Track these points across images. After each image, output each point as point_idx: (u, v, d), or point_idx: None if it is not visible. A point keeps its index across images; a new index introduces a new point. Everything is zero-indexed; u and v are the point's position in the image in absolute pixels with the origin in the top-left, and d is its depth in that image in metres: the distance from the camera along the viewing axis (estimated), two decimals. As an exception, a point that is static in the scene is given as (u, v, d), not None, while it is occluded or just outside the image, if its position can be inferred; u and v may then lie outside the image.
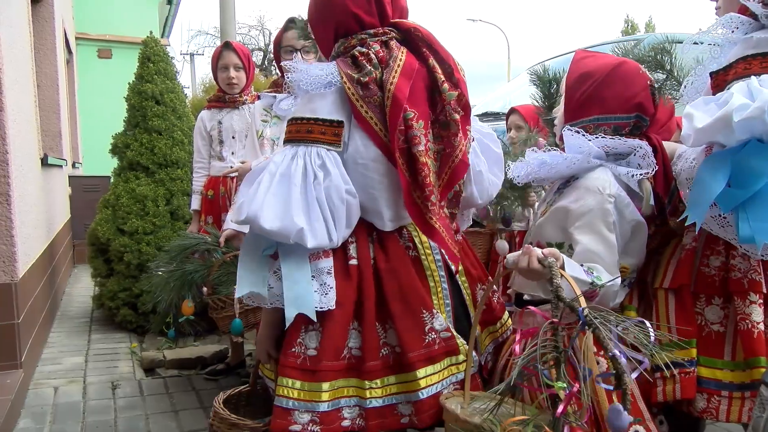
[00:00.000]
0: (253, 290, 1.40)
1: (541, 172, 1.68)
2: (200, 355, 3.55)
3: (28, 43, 3.92)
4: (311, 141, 1.42)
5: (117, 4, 11.70)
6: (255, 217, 1.33)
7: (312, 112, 1.44)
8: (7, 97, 2.95)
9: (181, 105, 4.49)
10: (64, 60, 6.95)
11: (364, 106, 1.43)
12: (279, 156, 1.43)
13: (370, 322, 1.43)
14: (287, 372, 1.39)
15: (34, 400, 2.98)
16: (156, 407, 2.94)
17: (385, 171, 1.46)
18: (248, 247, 1.44)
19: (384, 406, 1.41)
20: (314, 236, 1.35)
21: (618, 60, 1.66)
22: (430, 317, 1.45)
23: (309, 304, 1.36)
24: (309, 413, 1.36)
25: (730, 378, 1.39)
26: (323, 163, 1.39)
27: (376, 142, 1.44)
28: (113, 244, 4.13)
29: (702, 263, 1.48)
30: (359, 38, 1.50)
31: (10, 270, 2.95)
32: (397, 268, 1.47)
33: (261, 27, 24.79)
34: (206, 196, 3.34)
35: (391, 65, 1.45)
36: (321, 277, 1.40)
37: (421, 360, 1.41)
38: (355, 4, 1.49)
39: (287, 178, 1.37)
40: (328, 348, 1.39)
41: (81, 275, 6.12)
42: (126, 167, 4.36)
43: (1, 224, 2.92)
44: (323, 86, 1.44)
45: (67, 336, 4.12)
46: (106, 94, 10.01)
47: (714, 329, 1.44)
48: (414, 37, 1.52)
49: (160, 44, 4.56)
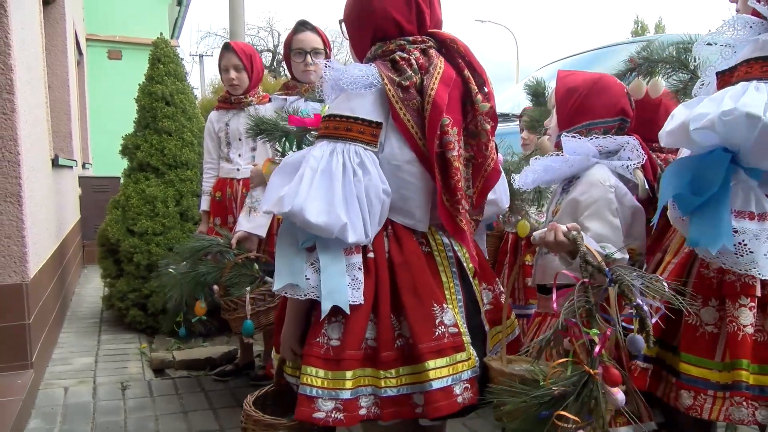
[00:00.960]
0: (291, 281, 1.43)
1: (546, 176, 1.87)
2: (209, 356, 3.56)
3: (39, 44, 3.94)
4: (350, 139, 1.46)
5: (127, 5, 11.77)
6: (300, 211, 1.36)
7: (351, 110, 1.47)
8: (19, 98, 2.97)
9: (191, 106, 4.50)
10: (74, 61, 7.00)
11: (403, 108, 1.47)
12: (318, 151, 1.45)
13: (385, 313, 1.46)
14: (311, 361, 1.43)
15: (45, 401, 3.00)
16: (165, 408, 2.95)
17: (417, 173, 1.51)
18: (286, 239, 1.47)
19: (399, 395, 1.45)
20: (354, 232, 1.40)
21: (597, 75, 1.92)
22: (440, 311, 1.49)
23: (344, 297, 1.41)
24: (333, 401, 1.40)
25: (716, 378, 1.43)
26: (362, 162, 1.43)
27: (411, 144, 1.49)
28: (123, 245, 4.15)
29: (701, 265, 1.50)
30: (398, 44, 1.55)
31: (21, 270, 2.96)
32: (410, 262, 1.50)
33: (270, 28, 24.86)
34: (214, 198, 3.31)
35: (432, 72, 1.50)
36: (353, 271, 1.45)
37: (430, 352, 1.44)
38: (397, 11, 1.54)
39: (328, 174, 1.41)
40: (351, 338, 1.43)
41: (91, 276, 6.15)
42: (136, 168, 4.38)
43: (12, 225, 2.94)
44: (364, 87, 1.47)
45: (77, 336, 4.14)
46: (116, 95, 10.06)
47: (708, 330, 1.47)
48: (450, 48, 1.58)
49: (170, 45, 4.57)
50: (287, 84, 2.96)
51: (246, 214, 2.85)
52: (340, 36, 2.84)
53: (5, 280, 2.91)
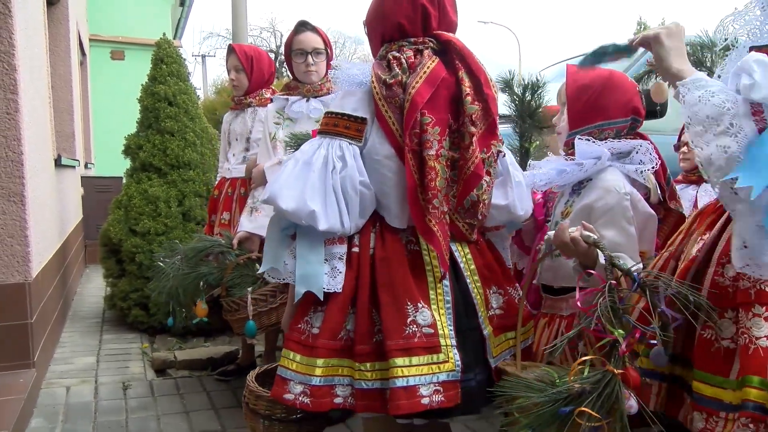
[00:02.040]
0: (272, 265, 1.54)
1: (560, 179, 1.84)
2: (211, 356, 3.56)
3: (43, 45, 3.95)
4: (336, 134, 1.54)
5: (130, 6, 11.81)
6: (274, 197, 1.46)
7: (341, 107, 1.56)
8: (23, 98, 2.98)
9: (194, 106, 4.51)
10: (77, 61, 7.02)
11: (386, 105, 1.52)
12: (307, 145, 1.56)
13: (363, 307, 1.51)
14: (290, 345, 1.52)
15: (47, 400, 3.00)
16: (167, 408, 2.95)
17: (396, 169, 1.55)
18: (273, 226, 1.57)
19: (371, 389, 1.47)
20: (326, 220, 1.46)
21: (607, 71, 1.83)
22: (413, 310, 1.49)
23: (318, 283, 1.48)
24: (302, 385, 1.47)
25: (730, 398, 1.26)
26: (342, 155, 1.51)
27: (391, 140, 1.54)
28: (125, 245, 4.16)
29: (716, 273, 1.34)
30: (399, 45, 1.60)
31: (24, 270, 2.97)
32: (390, 258, 1.54)
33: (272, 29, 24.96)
34: (212, 196, 3.37)
35: (417, 71, 1.54)
36: (333, 261, 1.52)
37: (398, 349, 1.45)
38: (401, 14, 1.59)
39: (308, 165, 1.49)
40: (327, 327, 1.50)
41: (93, 275, 6.16)
42: (138, 168, 4.39)
43: (15, 224, 2.95)
44: (356, 84, 1.56)
45: (79, 336, 4.15)
46: (118, 95, 10.09)
47: (724, 345, 1.30)
48: (450, 49, 1.61)
49: (173, 46, 4.58)
50: (289, 84, 2.97)
51: (247, 214, 2.86)
52: (342, 38, 2.85)
53: (8, 280, 2.92)
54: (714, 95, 1.23)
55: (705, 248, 1.38)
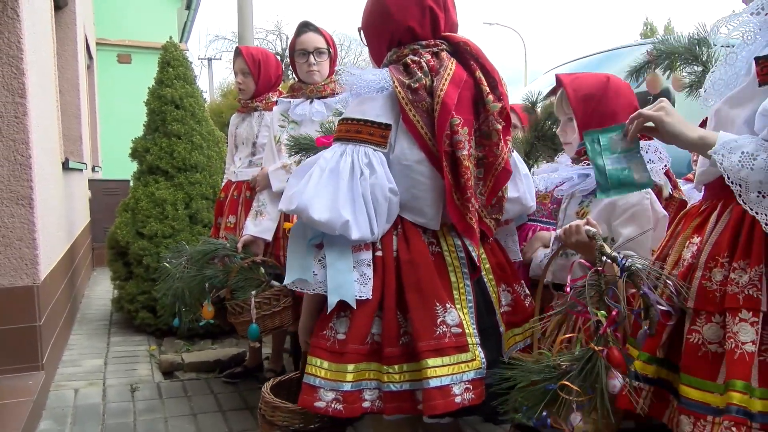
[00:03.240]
0: (300, 277, 1.50)
1: (583, 185, 1.87)
2: (218, 358, 3.57)
3: (51, 49, 3.98)
4: (359, 141, 1.52)
5: (136, 9, 11.86)
6: (305, 208, 1.43)
7: (362, 113, 1.54)
8: (31, 102, 3.00)
9: (200, 109, 4.52)
10: (85, 65, 7.05)
11: (413, 110, 1.52)
12: (329, 152, 1.52)
13: (391, 310, 1.51)
14: (317, 352, 1.49)
15: (55, 402, 3.02)
16: (174, 410, 2.96)
17: (427, 173, 1.55)
18: (296, 236, 1.54)
19: (401, 391, 1.49)
20: (358, 229, 1.45)
21: (602, 75, 1.89)
22: (442, 310, 1.51)
23: (350, 292, 1.47)
24: (333, 392, 1.46)
25: (717, 402, 1.27)
26: (370, 162, 1.49)
27: (420, 145, 1.54)
28: (132, 248, 4.18)
29: (703, 277, 1.35)
30: (411, 48, 1.60)
31: (33, 273, 2.99)
32: (416, 260, 1.54)
33: (278, 32, 24.99)
34: (218, 198, 3.37)
35: (442, 73, 1.55)
36: (361, 267, 1.51)
37: (429, 350, 1.47)
38: (411, 18, 1.59)
39: (336, 174, 1.47)
40: (355, 333, 1.49)
41: (100, 278, 6.19)
42: (145, 171, 4.41)
43: (23, 227, 2.96)
44: (375, 90, 1.54)
45: (87, 338, 4.17)
46: (125, 98, 10.14)
47: (711, 349, 1.31)
48: (463, 50, 1.63)
49: (179, 49, 4.60)
50: (293, 86, 2.97)
51: (252, 218, 2.86)
52: (347, 40, 2.85)
53: (17, 283, 2.94)
54: (755, 157, 1.21)
55: (698, 253, 1.39)
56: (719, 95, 1.41)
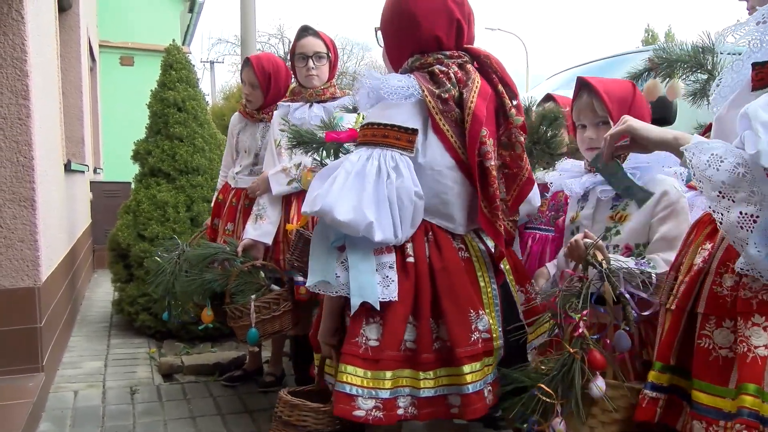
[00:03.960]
0: (322, 279, 1.50)
1: None
2: (218, 362, 3.57)
3: (54, 51, 3.99)
4: (387, 145, 1.52)
5: (139, 12, 11.89)
6: (330, 209, 1.42)
7: (389, 118, 1.54)
8: (34, 104, 3.00)
9: (203, 112, 4.53)
10: (87, 67, 7.07)
11: (443, 119, 1.55)
12: (354, 156, 1.52)
13: (425, 317, 1.52)
14: (350, 360, 1.48)
15: (55, 404, 3.01)
16: (174, 413, 2.95)
17: (457, 179, 1.59)
18: (318, 238, 1.54)
19: (435, 396, 1.51)
20: (382, 231, 1.45)
21: (626, 80, 1.93)
22: (476, 317, 1.55)
23: (373, 294, 1.46)
24: (373, 400, 1.45)
25: (729, 407, 1.27)
26: (396, 165, 1.50)
27: (451, 153, 1.57)
28: (133, 250, 4.18)
29: (714, 282, 1.35)
30: (435, 57, 1.61)
31: (34, 274, 2.99)
32: (449, 268, 1.56)
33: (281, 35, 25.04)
34: (217, 199, 3.33)
35: (470, 86, 1.58)
36: (383, 270, 1.50)
37: (467, 356, 1.51)
38: (438, 28, 1.61)
39: (362, 176, 1.47)
40: (390, 339, 1.48)
41: (101, 280, 6.19)
42: (147, 173, 4.42)
43: (25, 229, 2.97)
44: (404, 97, 1.54)
45: (87, 340, 4.17)
46: (128, 101, 10.15)
47: (722, 354, 1.31)
48: (484, 63, 1.66)
49: (182, 52, 4.61)
50: (293, 90, 2.96)
51: (252, 221, 2.85)
52: (349, 44, 2.86)
53: (18, 284, 2.94)
54: (723, 160, 1.22)
55: (709, 258, 1.39)
56: (725, 101, 1.41)
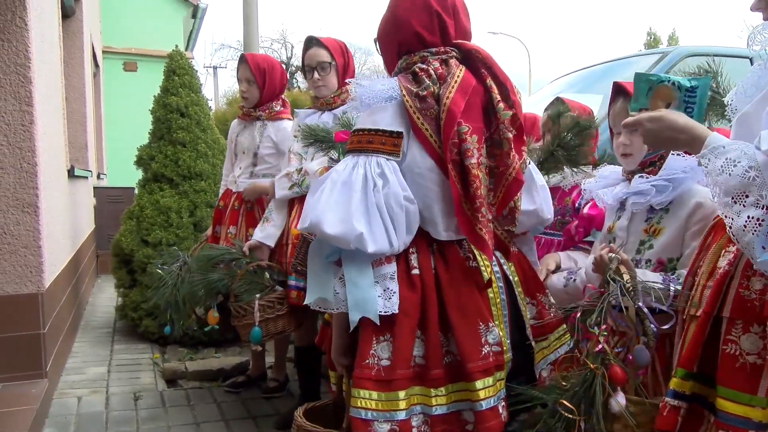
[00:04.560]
0: (320, 296, 1.46)
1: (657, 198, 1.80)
2: (221, 367, 3.56)
3: (58, 57, 4.00)
4: (371, 151, 1.48)
5: (143, 18, 11.93)
6: (318, 223, 1.39)
7: (373, 123, 1.51)
8: (38, 110, 3.01)
9: (206, 118, 4.54)
10: (91, 73, 7.09)
11: (421, 118, 1.49)
12: (341, 165, 1.49)
13: (434, 331, 1.46)
14: (363, 384, 1.42)
15: (58, 410, 3.01)
16: (178, 419, 2.95)
17: (439, 181, 1.52)
18: (314, 254, 1.50)
19: (449, 413, 1.46)
20: (374, 241, 1.40)
21: None
22: (485, 330, 1.49)
23: (372, 308, 1.42)
24: (388, 423, 1.40)
25: (759, 417, 1.21)
26: (382, 171, 1.45)
27: (430, 153, 1.51)
28: (137, 255, 4.18)
29: (741, 285, 1.29)
30: (421, 56, 1.57)
31: (37, 280, 2.99)
32: (457, 279, 1.51)
33: (283, 41, 25.12)
34: (217, 206, 3.35)
35: (449, 81, 1.52)
36: (384, 282, 1.45)
37: (479, 371, 1.45)
38: (419, 24, 1.56)
39: (348, 186, 1.43)
40: (400, 357, 1.43)
41: (104, 286, 6.19)
42: (150, 179, 4.42)
43: (29, 235, 2.97)
44: (384, 100, 1.51)
45: (91, 346, 4.17)
46: (131, 106, 10.19)
47: (750, 360, 1.25)
48: (474, 57, 1.60)
49: (185, 57, 4.62)
50: (312, 100, 2.99)
51: (261, 224, 2.88)
52: (351, 48, 2.84)
53: (21, 290, 2.94)
54: (736, 164, 1.20)
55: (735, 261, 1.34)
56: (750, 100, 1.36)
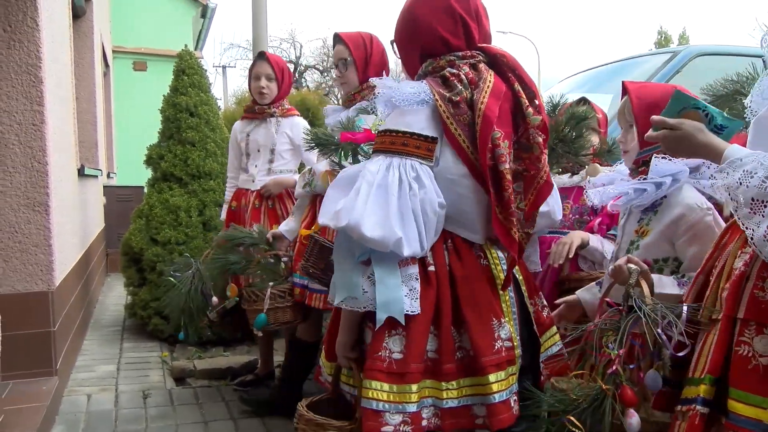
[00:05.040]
0: (349, 294, 1.47)
1: (640, 198, 1.81)
2: (230, 366, 3.58)
3: (69, 57, 4.03)
4: (406, 154, 1.47)
5: (152, 17, 12.00)
6: (357, 225, 1.38)
7: (407, 126, 1.49)
8: (49, 110, 3.03)
9: (215, 117, 4.55)
10: (101, 73, 7.13)
11: (454, 123, 1.49)
12: (374, 165, 1.47)
13: (447, 326, 1.49)
14: (375, 375, 1.45)
15: (68, 407, 3.03)
16: (186, 417, 2.96)
17: (471, 187, 1.54)
18: (343, 254, 1.50)
19: (459, 406, 1.49)
20: (409, 245, 1.41)
21: (670, 86, 1.84)
22: (498, 325, 1.53)
23: (399, 307, 1.44)
24: (400, 414, 1.43)
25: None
26: (418, 176, 1.45)
27: (463, 159, 1.51)
28: (146, 254, 4.20)
29: (756, 287, 1.28)
30: (447, 59, 1.57)
31: (48, 279, 3.01)
32: (470, 276, 1.53)
33: (292, 40, 25.12)
34: (230, 207, 3.37)
35: (481, 86, 1.52)
36: (410, 282, 1.47)
37: (492, 365, 1.48)
38: (443, 28, 1.56)
39: (384, 188, 1.43)
40: (414, 351, 1.46)
41: (114, 284, 6.23)
42: (160, 178, 4.44)
43: (39, 233, 2.99)
44: (416, 103, 1.50)
45: (100, 344, 4.19)
46: (141, 105, 10.25)
47: (762, 362, 1.24)
48: (501, 62, 1.60)
49: (194, 57, 4.64)
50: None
51: (288, 218, 2.93)
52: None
53: (32, 288, 2.97)
54: (752, 175, 1.21)
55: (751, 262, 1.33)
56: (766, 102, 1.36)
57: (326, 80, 23.61)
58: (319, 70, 24.85)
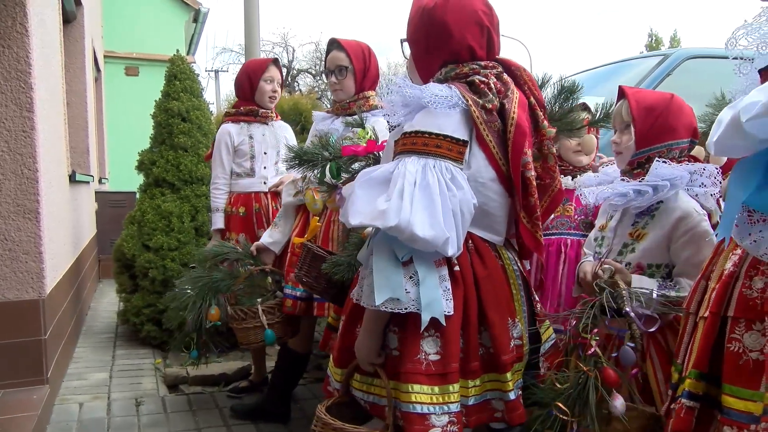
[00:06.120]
0: (391, 295, 1.44)
1: (639, 201, 1.85)
2: (223, 372, 3.56)
3: (59, 63, 4.00)
4: (439, 155, 1.48)
5: (144, 22, 11.95)
6: (408, 225, 1.37)
7: (439, 128, 1.49)
8: (39, 116, 3.01)
9: (207, 122, 4.54)
10: (92, 78, 7.09)
11: (486, 130, 1.54)
12: (411, 166, 1.45)
13: (473, 325, 1.53)
14: (417, 378, 1.46)
15: (60, 416, 3.01)
16: (179, 424, 2.94)
17: (499, 190, 1.60)
18: (383, 254, 1.47)
19: (481, 402, 1.55)
20: (452, 245, 1.43)
21: (667, 93, 1.93)
22: (512, 324, 1.59)
23: (439, 308, 1.45)
24: (446, 415, 1.45)
25: (761, 411, 1.25)
26: (453, 177, 1.46)
27: (493, 165, 1.57)
28: (138, 260, 4.18)
29: (744, 285, 1.34)
30: (471, 67, 1.60)
31: (38, 286, 2.99)
32: (492, 276, 1.58)
33: (285, 44, 25.09)
34: (237, 214, 3.32)
35: (510, 97, 1.59)
36: (444, 282, 1.49)
37: (510, 363, 1.55)
38: (472, 38, 1.60)
39: (426, 189, 1.43)
40: (451, 351, 1.48)
41: (106, 290, 6.19)
42: (152, 183, 4.42)
43: (30, 241, 2.97)
44: (448, 106, 1.51)
45: (92, 351, 4.16)
46: (132, 111, 10.21)
47: (752, 357, 1.29)
48: (516, 75, 1.67)
49: (186, 62, 4.62)
50: (332, 102, 3.01)
51: (270, 229, 2.90)
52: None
53: (22, 296, 2.94)
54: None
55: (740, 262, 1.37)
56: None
57: (319, 84, 23.56)
58: (312, 74, 24.82)
